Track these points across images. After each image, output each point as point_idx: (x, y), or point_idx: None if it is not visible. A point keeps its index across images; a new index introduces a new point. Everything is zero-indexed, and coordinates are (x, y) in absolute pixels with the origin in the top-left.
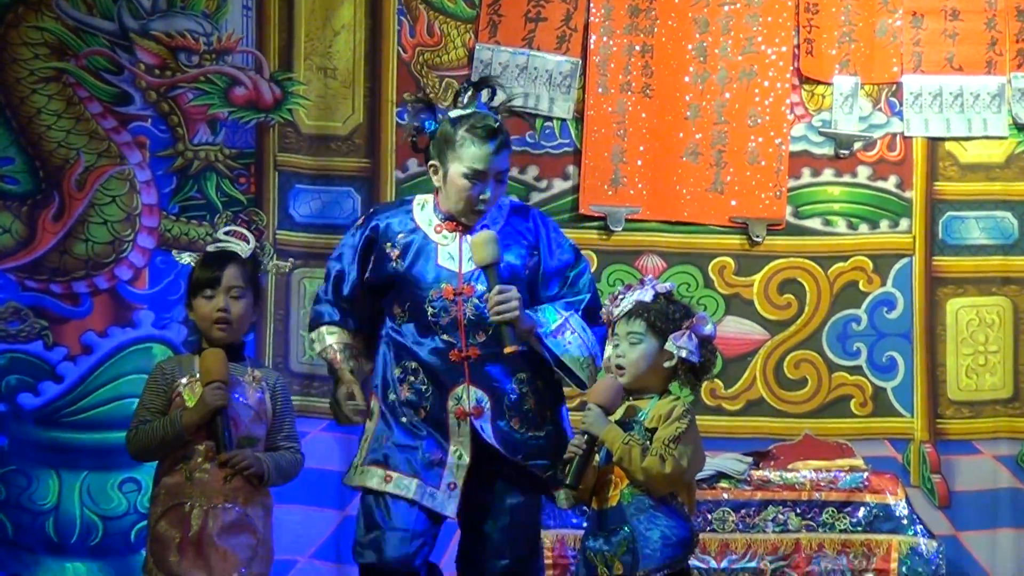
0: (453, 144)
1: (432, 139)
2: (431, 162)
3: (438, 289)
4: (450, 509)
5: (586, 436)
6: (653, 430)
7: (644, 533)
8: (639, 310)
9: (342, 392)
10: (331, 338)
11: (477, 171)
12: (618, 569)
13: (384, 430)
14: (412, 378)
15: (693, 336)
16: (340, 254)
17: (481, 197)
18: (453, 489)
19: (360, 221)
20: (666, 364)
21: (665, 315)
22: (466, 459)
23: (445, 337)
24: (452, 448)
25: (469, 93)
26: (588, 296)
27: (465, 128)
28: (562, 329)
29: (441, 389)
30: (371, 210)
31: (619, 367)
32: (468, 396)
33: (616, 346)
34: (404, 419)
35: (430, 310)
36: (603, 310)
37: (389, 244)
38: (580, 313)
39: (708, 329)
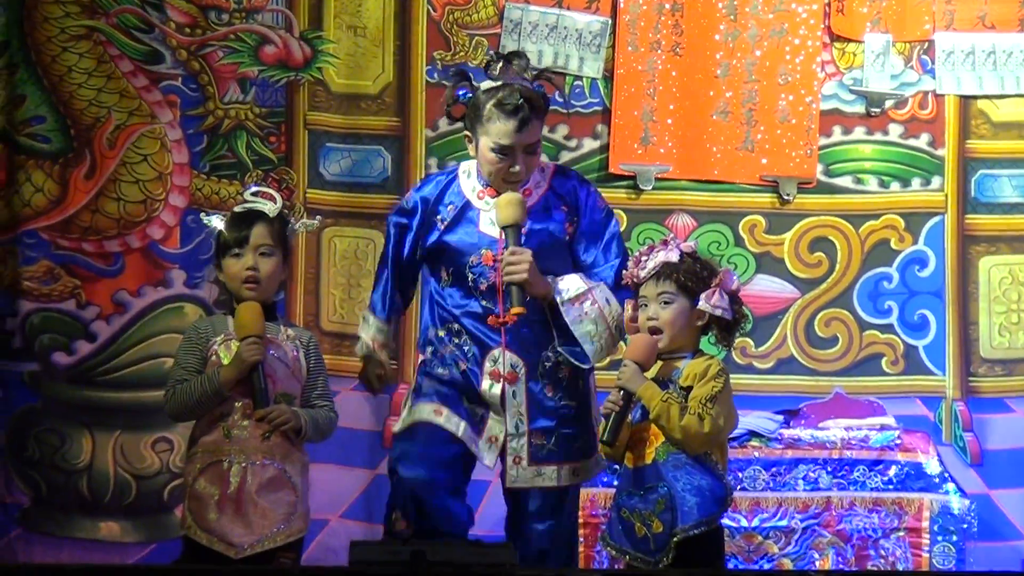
0: (481, 117)
1: (466, 109)
2: (465, 132)
3: (478, 255)
4: (489, 460)
5: (622, 392)
6: (687, 389)
7: (682, 490)
8: (667, 271)
9: (372, 371)
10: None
11: (503, 146)
12: (657, 527)
13: (430, 382)
14: (456, 339)
15: (723, 293)
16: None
17: (512, 170)
18: (494, 442)
19: (408, 206)
20: (699, 323)
21: (694, 274)
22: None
23: (484, 302)
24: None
25: (500, 64)
26: (620, 259)
27: (493, 102)
28: (583, 299)
29: (483, 352)
30: (420, 185)
31: (655, 330)
32: (504, 360)
33: (645, 307)
34: (444, 372)
35: (470, 275)
36: (625, 272)
37: (438, 216)
38: (612, 278)
39: (735, 284)
